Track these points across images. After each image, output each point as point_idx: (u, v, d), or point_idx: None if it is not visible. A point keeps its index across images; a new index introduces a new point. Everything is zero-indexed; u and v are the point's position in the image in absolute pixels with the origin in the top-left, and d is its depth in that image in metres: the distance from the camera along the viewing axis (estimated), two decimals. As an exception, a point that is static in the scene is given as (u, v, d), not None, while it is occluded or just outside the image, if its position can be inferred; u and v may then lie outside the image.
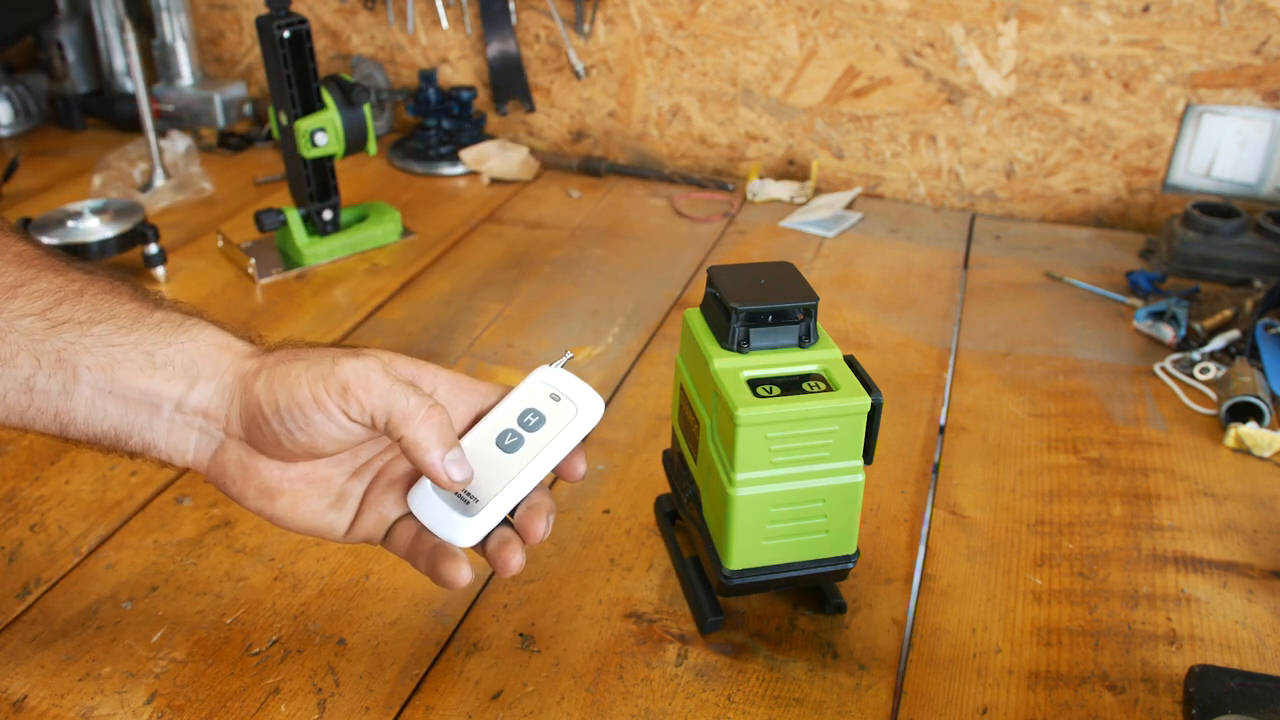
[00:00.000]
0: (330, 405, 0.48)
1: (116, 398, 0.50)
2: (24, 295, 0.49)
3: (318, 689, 0.58)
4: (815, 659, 0.60)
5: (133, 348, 0.50)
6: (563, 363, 0.56)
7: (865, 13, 1.19)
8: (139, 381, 0.50)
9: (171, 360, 0.50)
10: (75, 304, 0.50)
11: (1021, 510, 0.73)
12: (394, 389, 0.48)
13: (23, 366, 0.49)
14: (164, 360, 0.50)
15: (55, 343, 0.49)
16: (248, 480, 0.51)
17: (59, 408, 0.50)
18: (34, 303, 0.49)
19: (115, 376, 0.49)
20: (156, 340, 0.50)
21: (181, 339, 0.51)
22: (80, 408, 0.50)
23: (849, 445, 0.56)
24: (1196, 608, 0.65)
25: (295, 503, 0.52)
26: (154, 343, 0.50)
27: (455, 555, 0.51)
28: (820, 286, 1.03)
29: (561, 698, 0.58)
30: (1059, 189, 1.21)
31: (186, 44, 1.42)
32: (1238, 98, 1.11)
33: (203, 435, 0.51)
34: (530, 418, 0.53)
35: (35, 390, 0.49)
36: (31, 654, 0.59)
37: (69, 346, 0.49)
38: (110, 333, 0.50)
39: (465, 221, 1.17)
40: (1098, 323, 0.98)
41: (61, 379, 0.49)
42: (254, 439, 0.50)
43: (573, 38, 1.32)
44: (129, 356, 0.50)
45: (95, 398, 0.50)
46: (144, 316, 0.51)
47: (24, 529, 0.69)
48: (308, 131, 1.01)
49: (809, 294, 0.58)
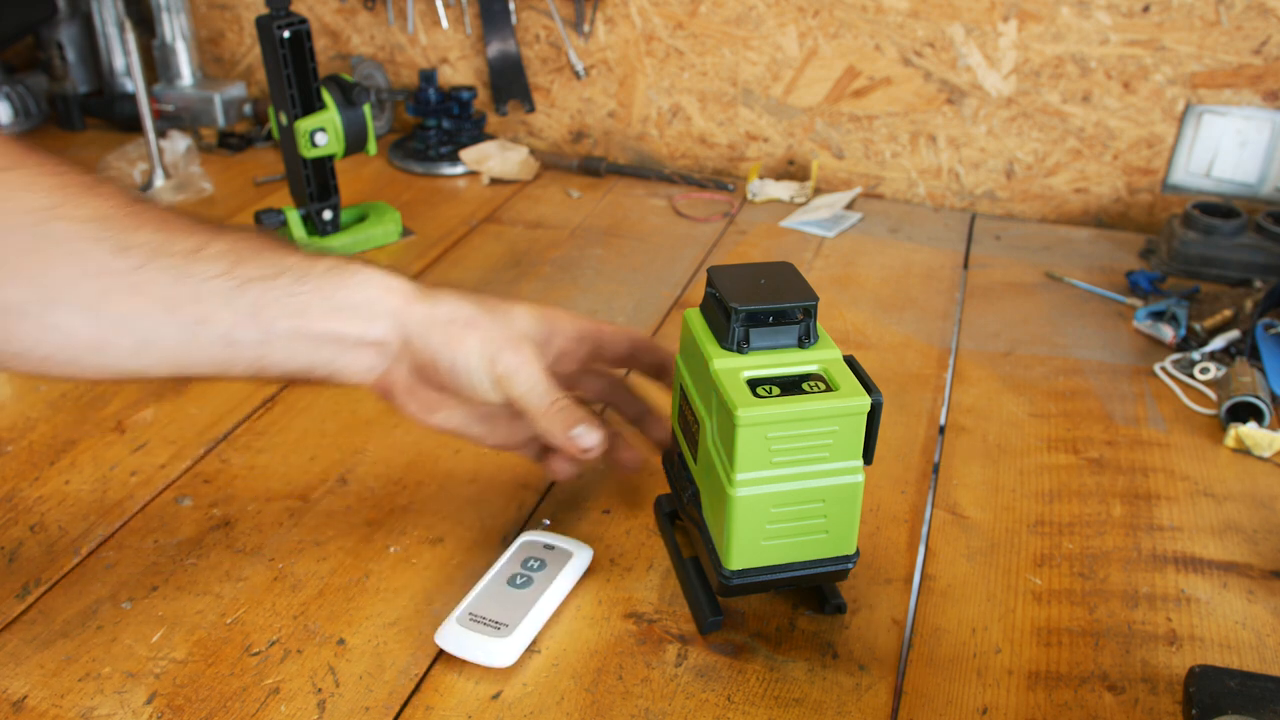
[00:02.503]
0: (487, 386, 0.60)
1: (306, 340, 0.57)
2: (204, 258, 0.55)
3: (318, 689, 0.58)
4: (815, 659, 0.60)
5: (313, 294, 0.57)
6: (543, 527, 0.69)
7: (865, 13, 1.19)
8: (325, 325, 0.58)
9: (349, 302, 0.58)
10: (252, 262, 0.56)
11: (1021, 510, 0.73)
12: (533, 389, 0.60)
13: (221, 323, 0.55)
14: (342, 303, 0.58)
15: (247, 299, 0.55)
16: (411, 395, 0.63)
17: (256, 354, 0.57)
18: (215, 264, 0.55)
19: (304, 323, 0.57)
20: (333, 286, 0.58)
21: (351, 283, 0.59)
22: (275, 353, 0.57)
23: (849, 445, 0.56)
24: (1196, 608, 0.65)
25: (449, 416, 0.64)
26: (331, 288, 0.58)
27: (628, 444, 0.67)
28: (820, 286, 1.03)
29: (561, 698, 0.58)
30: (1059, 189, 1.21)
31: (186, 44, 1.42)
32: (1238, 98, 1.11)
33: (376, 362, 0.61)
34: (532, 563, 0.64)
35: (235, 343, 0.56)
36: (31, 654, 0.59)
37: (260, 300, 0.56)
38: (291, 284, 0.57)
39: (465, 221, 1.17)
40: (1098, 323, 0.98)
41: (258, 331, 0.56)
42: (421, 375, 0.61)
43: (573, 38, 1.32)
44: (312, 303, 0.57)
45: (288, 343, 0.57)
46: (311, 266, 0.58)
47: (24, 529, 0.69)
48: (308, 131, 1.01)
49: (809, 294, 0.58)
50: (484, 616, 0.60)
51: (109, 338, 0.53)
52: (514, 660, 0.59)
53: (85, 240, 0.52)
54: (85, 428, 0.79)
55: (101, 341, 0.53)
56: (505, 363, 0.60)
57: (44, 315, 0.52)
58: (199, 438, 0.78)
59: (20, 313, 0.51)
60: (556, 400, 0.61)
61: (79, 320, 0.52)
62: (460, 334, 0.60)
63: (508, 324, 0.62)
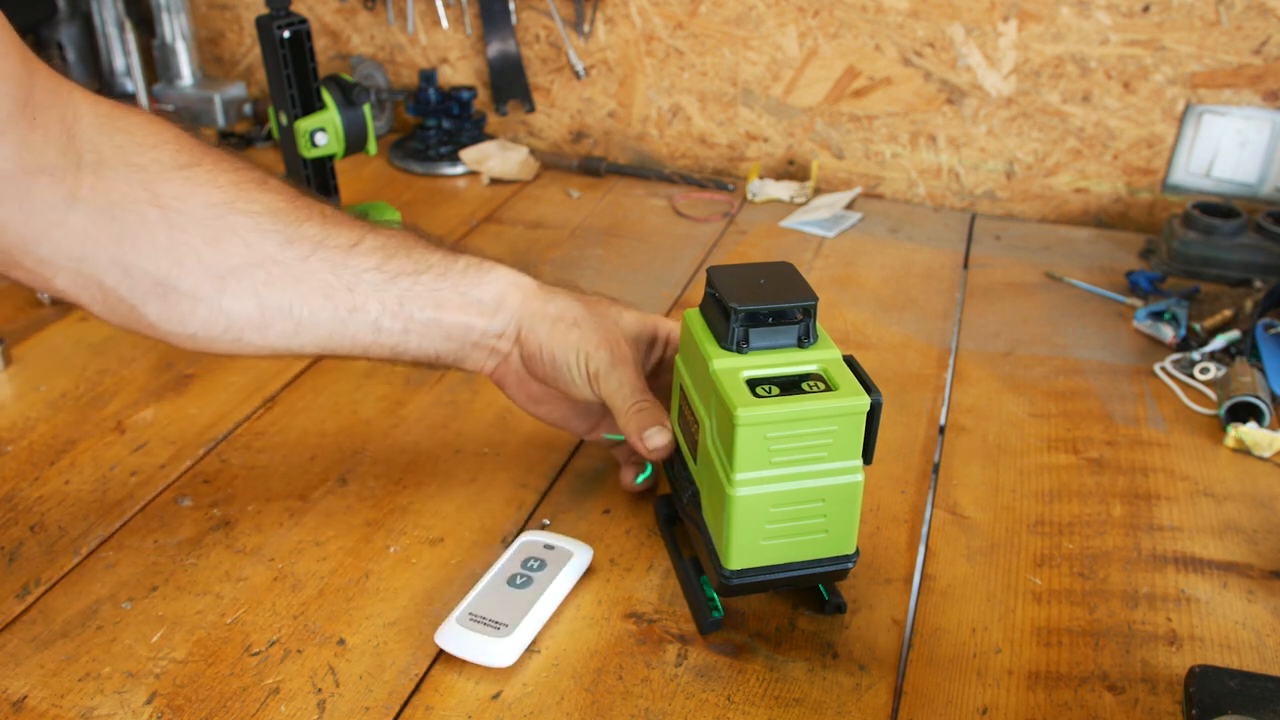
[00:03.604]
0: (581, 382, 0.65)
1: (441, 329, 0.64)
2: (360, 252, 0.61)
3: (318, 689, 0.58)
4: (815, 659, 0.60)
5: (451, 290, 0.64)
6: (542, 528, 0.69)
7: (865, 13, 1.19)
8: (460, 318, 0.64)
9: (481, 299, 0.64)
10: (402, 258, 0.63)
11: (1021, 510, 0.73)
12: (620, 389, 0.64)
13: (371, 311, 0.62)
14: (475, 299, 0.64)
15: (395, 291, 0.62)
16: (520, 387, 0.69)
17: (397, 342, 0.63)
18: (370, 258, 0.62)
19: (442, 316, 0.64)
20: (469, 283, 0.64)
21: (485, 281, 0.65)
22: (414, 341, 0.64)
23: (849, 445, 0.56)
24: (1196, 608, 0.65)
25: (552, 409, 0.70)
26: (468, 285, 0.64)
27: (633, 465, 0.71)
28: (820, 286, 1.03)
29: (561, 698, 0.58)
30: (1059, 189, 1.21)
31: (186, 44, 1.42)
32: (1238, 98, 1.11)
33: (495, 353, 0.67)
34: (532, 563, 0.64)
35: (381, 330, 0.62)
36: (31, 654, 0.59)
37: (406, 293, 0.62)
38: (433, 280, 0.63)
39: (465, 221, 1.17)
40: (1098, 323, 0.98)
41: (403, 321, 0.63)
42: (529, 366, 0.67)
43: (573, 38, 1.32)
44: (450, 299, 0.64)
45: (427, 332, 0.64)
46: (452, 263, 0.64)
47: (24, 529, 0.69)
48: (308, 131, 1.01)
49: (809, 294, 0.58)
50: (484, 616, 0.60)
51: (271, 321, 0.60)
52: (514, 660, 0.59)
53: (258, 232, 0.58)
54: (85, 428, 0.79)
55: (265, 324, 0.60)
56: (598, 361, 0.64)
57: (219, 299, 0.58)
58: (199, 438, 0.78)
59: (198, 298, 0.57)
60: (639, 401, 0.64)
61: (248, 304, 0.59)
62: (565, 331, 0.65)
63: (611, 325, 0.66)
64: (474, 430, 0.80)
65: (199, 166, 0.58)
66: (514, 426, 0.80)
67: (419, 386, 0.85)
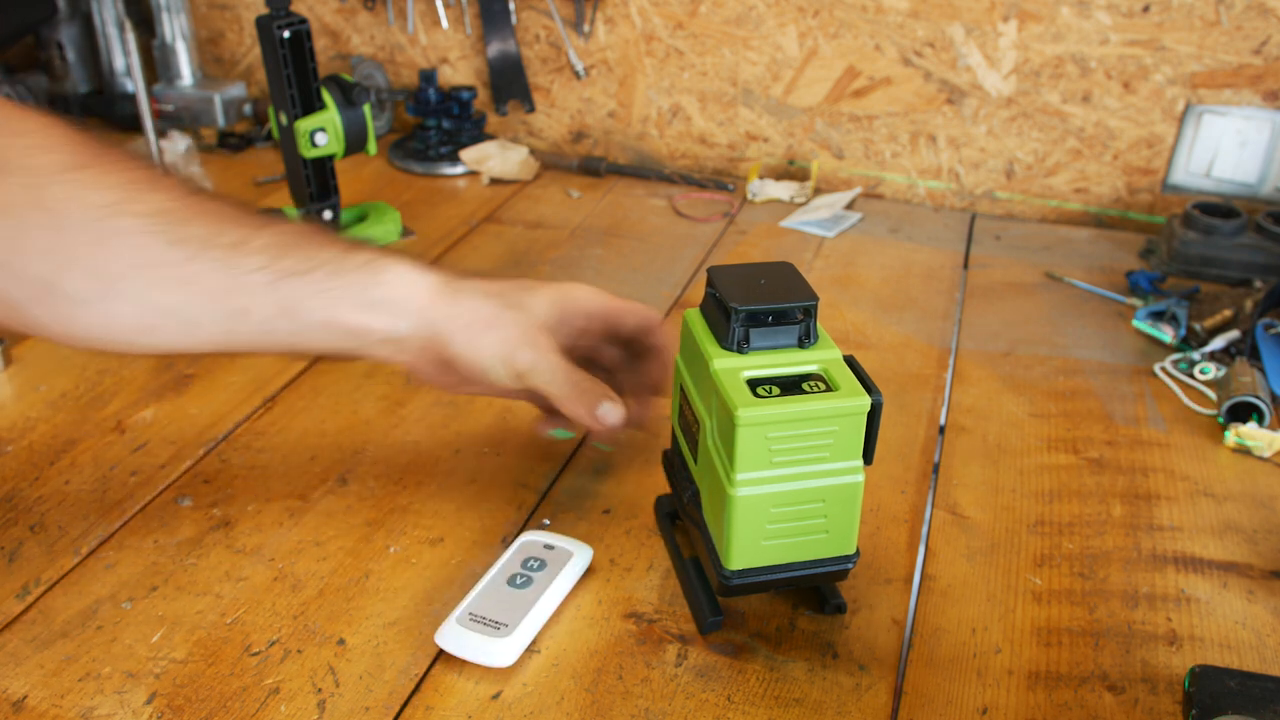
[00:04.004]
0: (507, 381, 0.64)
1: (337, 331, 0.62)
2: (247, 251, 0.59)
3: (318, 689, 0.58)
4: (815, 659, 0.60)
5: (344, 290, 0.61)
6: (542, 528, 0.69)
7: (865, 13, 1.19)
8: (356, 319, 0.62)
9: (380, 300, 0.62)
10: (293, 256, 0.60)
11: (1021, 510, 0.73)
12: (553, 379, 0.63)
13: (259, 312, 0.60)
14: (372, 300, 0.62)
15: (283, 292, 0.60)
16: (439, 377, 0.66)
17: (292, 341, 0.62)
18: (257, 257, 0.59)
19: (336, 316, 0.61)
20: (364, 283, 0.62)
21: (382, 280, 0.62)
22: (309, 340, 0.62)
23: (849, 445, 0.56)
24: (1196, 608, 0.65)
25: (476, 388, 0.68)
26: (363, 285, 0.62)
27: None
28: (820, 286, 1.03)
29: (561, 698, 0.58)
30: (1059, 189, 1.21)
31: (186, 44, 1.42)
32: (1238, 98, 1.11)
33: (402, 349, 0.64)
34: (532, 563, 0.64)
35: (274, 331, 0.61)
36: (31, 654, 0.59)
37: (295, 294, 0.60)
38: (325, 278, 0.61)
39: (465, 221, 1.18)
40: (1098, 323, 0.98)
41: (296, 322, 0.61)
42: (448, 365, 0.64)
43: (573, 38, 1.32)
44: (344, 299, 0.61)
45: (321, 332, 0.62)
46: (344, 261, 0.62)
47: (24, 529, 0.69)
48: (308, 131, 1.01)
49: (809, 294, 0.58)
50: (484, 616, 0.60)
51: (158, 323, 0.59)
52: (514, 660, 0.59)
53: (143, 234, 0.57)
54: (85, 428, 0.79)
55: (152, 326, 0.59)
56: (523, 360, 0.63)
57: (103, 303, 0.57)
58: (199, 438, 0.78)
59: (83, 301, 0.56)
60: (577, 384, 0.64)
61: (134, 308, 0.58)
62: (480, 335, 0.63)
63: (525, 317, 0.65)
64: (474, 430, 0.80)
65: (88, 169, 0.56)
66: (514, 426, 0.80)
67: (419, 386, 0.85)
